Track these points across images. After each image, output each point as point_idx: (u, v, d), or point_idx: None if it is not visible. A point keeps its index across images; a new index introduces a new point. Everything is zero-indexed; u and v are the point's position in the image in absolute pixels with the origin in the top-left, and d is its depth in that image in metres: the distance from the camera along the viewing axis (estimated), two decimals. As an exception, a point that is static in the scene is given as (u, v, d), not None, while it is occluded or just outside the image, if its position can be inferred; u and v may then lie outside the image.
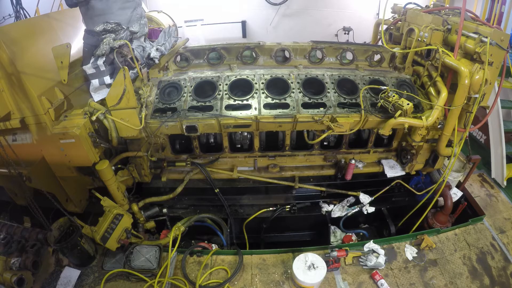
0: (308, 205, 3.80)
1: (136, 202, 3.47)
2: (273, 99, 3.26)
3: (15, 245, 2.97)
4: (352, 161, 3.58)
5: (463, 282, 3.02)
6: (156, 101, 3.26)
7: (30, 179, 2.85)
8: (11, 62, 2.43)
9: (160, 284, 2.88)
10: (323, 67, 3.74)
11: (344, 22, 6.87)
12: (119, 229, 3.00)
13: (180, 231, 3.35)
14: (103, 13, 2.85)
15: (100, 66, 2.85)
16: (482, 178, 4.45)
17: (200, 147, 3.64)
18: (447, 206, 3.63)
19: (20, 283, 2.74)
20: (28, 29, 2.76)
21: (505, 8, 4.93)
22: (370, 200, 3.67)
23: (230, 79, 3.39)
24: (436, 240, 3.38)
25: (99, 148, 2.92)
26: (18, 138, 2.94)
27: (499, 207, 3.96)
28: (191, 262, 3.13)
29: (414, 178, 3.92)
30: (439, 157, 3.46)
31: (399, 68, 3.74)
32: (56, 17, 3.16)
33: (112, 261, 3.12)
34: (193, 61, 3.73)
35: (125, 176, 3.31)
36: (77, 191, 3.33)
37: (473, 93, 2.94)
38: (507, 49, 2.82)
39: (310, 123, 3.17)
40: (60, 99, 2.83)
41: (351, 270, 3.08)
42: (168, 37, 3.50)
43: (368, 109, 3.23)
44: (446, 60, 3.00)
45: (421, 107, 3.31)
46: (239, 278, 2.99)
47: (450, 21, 3.17)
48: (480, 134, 5.09)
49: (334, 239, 3.73)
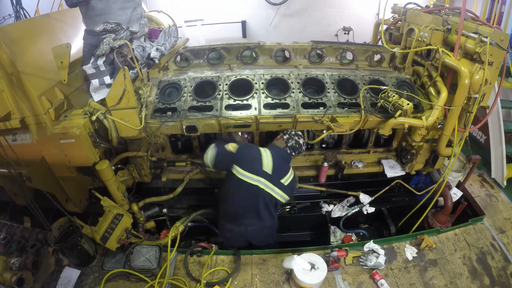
0: (307, 205, 3.80)
1: (136, 202, 3.47)
2: (273, 99, 3.26)
3: (15, 245, 2.97)
4: (325, 163, 3.57)
5: (463, 282, 3.02)
6: (156, 101, 3.26)
7: (30, 179, 2.85)
8: (11, 62, 2.43)
9: (160, 284, 2.87)
10: (323, 67, 3.74)
11: (344, 22, 6.86)
12: (119, 229, 3.00)
13: (179, 231, 3.35)
14: (103, 13, 2.84)
15: (100, 66, 2.85)
16: (482, 178, 4.45)
17: (200, 147, 3.65)
18: (447, 206, 3.63)
19: (20, 283, 2.73)
20: (28, 29, 2.76)
21: (505, 8, 4.93)
22: (370, 200, 3.67)
23: (230, 79, 3.39)
24: (436, 240, 3.38)
25: (99, 148, 2.92)
26: (18, 138, 2.93)
27: (499, 207, 3.96)
28: (191, 262, 3.13)
29: (414, 178, 3.92)
30: (439, 157, 3.46)
31: (399, 68, 3.74)
32: (56, 17, 3.16)
33: (112, 261, 3.12)
34: (193, 61, 3.73)
35: (125, 176, 3.31)
36: (77, 191, 3.33)
37: (473, 93, 2.94)
38: (507, 49, 2.82)
39: (310, 123, 3.17)
40: (60, 99, 2.83)
41: (351, 270, 3.08)
42: (168, 37, 3.50)
43: (368, 109, 3.23)
44: (446, 60, 2.99)
45: (421, 107, 3.31)
46: (239, 278, 2.99)
47: (450, 21, 3.17)
48: (480, 134, 5.10)
49: (334, 239, 3.73)
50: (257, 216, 2.87)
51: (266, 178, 2.74)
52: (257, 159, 2.75)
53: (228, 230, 3.04)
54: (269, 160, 2.76)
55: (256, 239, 3.13)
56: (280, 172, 2.81)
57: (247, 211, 2.87)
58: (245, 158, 2.79)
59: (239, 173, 2.74)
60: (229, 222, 2.99)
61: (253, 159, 2.78)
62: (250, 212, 2.86)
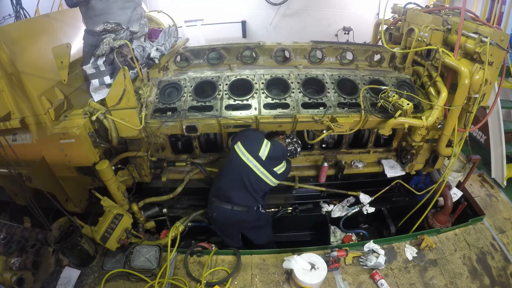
0: (310, 207, 3.79)
1: (136, 202, 3.47)
2: (273, 99, 3.26)
3: (15, 245, 2.97)
4: (325, 163, 3.59)
5: (463, 282, 3.02)
6: (156, 101, 3.26)
7: (30, 179, 2.85)
8: (11, 62, 2.43)
9: (160, 284, 2.87)
10: (323, 67, 3.74)
11: (344, 22, 6.86)
12: (119, 229, 3.00)
13: (179, 231, 3.35)
14: (103, 13, 2.84)
15: (100, 66, 2.85)
16: (482, 178, 4.45)
17: (200, 147, 3.65)
18: (447, 206, 3.63)
19: (20, 283, 2.73)
20: (28, 29, 2.75)
21: (505, 8, 4.93)
22: (370, 200, 3.67)
23: (230, 79, 3.39)
24: (436, 240, 3.38)
25: (99, 148, 2.92)
26: (18, 138, 2.93)
27: (499, 207, 3.96)
28: (191, 262, 3.13)
29: (414, 178, 3.92)
30: (439, 157, 3.46)
31: (399, 68, 3.74)
32: (56, 17, 3.16)
33: (112, 261, 3.12)
34: (193, 61, 3.73)
35: (125, 176, 3.31)
36: (77, 191, 3.33)
37: (473, 93, 2.94)
38: (507, 49, 2.81)
39: (310, 123, 3.17)
40: (60, 99, 2.83)
41: (351, 270, 3.08)
42: (168, 37, 3.50)
43: (368, 109, 3.23)
44: (446, 60, 2.99)
45: (421, 107, 3.31)
46: (239, 278, 2.99)
47: (450, 21, 3.17)
48: (480, 134, 5.09)
49: (334, 239, 3.73)
50: (243, 196, 3.09)
51: (258, 161, 3.02)
52: (258, 144, 3.06)
53: (215, 208, 3.17)
54: (267, 149, 3.05)
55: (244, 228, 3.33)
56: (273, 162, 3.10)
57: (235, 189, 3.08)
58: (249, 138, 3.11)
59: (239, 149, 3.03)
60: (217, 198, 3.16)
61: (254, 142, 3.07)
62: (238, 190, 3.08)
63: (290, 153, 3.22)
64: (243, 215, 3.14)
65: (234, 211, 3.10)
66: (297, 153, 3.25)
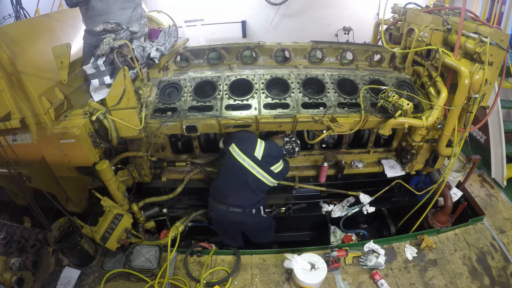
0: (309, 205, 3.79)
1: (136, 202, 3.47)
2: (273, 99, 3.26)
3: (15, 245, 2.97)
4: (325, 163, 3.59)
5: (463, 282, 3.02)
6: (156, 101, 3.26)
7: (30, 179, 2.85)
8: (11, 62, 2.43)
9: (160, 284, 2.88)
10: (323, 67, 3.74)
11: (344, 22, 6.87)
12: (119, 229, 3.00)
13: (179, 231, 3.35)
14: (103, 13, 2.85)
15: (100, 66, 2.84)
16: (482, 178, 4.46)
17: (200, 147, 3.65)
18: (447, 206, 3.63)
19: (20, 283, 2.73)
20: (28, 29, 2.75)
21: (505, 8, 4.92)
22: (370, 200, 3.67)
23: (230, 79, 3.39)
24: (436, 240, 3.38)
25: (99, 148, 2.91)
26: (18, 138, 2.93)
27: (499, 207, 3.96)
28: (191, 262, 3.13)
29: (414, 178, 3.92)
30: (439, 157, 3.46)
31: (399, 68, 3.74)
32: (56, 17, 3.16)
33: (112, 261, 3.12)
34: (193, 61, 3.73)
35: (125, 176, 3.31)
36: (77, 191, 3.33)
37: (473, 93, 2.94)
38: (507, 49, 2.81)
39: (310, 123, 3.17)
40: (60, 99, 2.83)
41: (351, 270, 3.08)
42: (168, 37, 3.50)
43: (368, 109, 3.23)
44: (446, 60, 2.99)
45: (421, 107, 3.31)
46: (239, 278, 2.99)
47: (450, 21, 3.17)
48: (480, 134, 5.10)
49: (334, 239, 3.73)
50: (243, 197, 3.10)
51: (254, 162, 3.04)
52: (252, 145, 3.09)
53: (212, 208, 3.20)
54: (262, 148, 3.08)
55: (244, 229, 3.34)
56: (270, 161, 3.12)
57: (231, 189, 3.11)
58: (242, 139, 3.12)
59: (234, 150, 3.04)
60: (215, 199, 3.19)
61: (248, 143, 3.10)
62: (237, 192, 3.11)
63: (287, 152, 3.20)
64: (239, 216, 3.13)
65: (229, 212, 3.10)
66: (295, 152, 3.23)
